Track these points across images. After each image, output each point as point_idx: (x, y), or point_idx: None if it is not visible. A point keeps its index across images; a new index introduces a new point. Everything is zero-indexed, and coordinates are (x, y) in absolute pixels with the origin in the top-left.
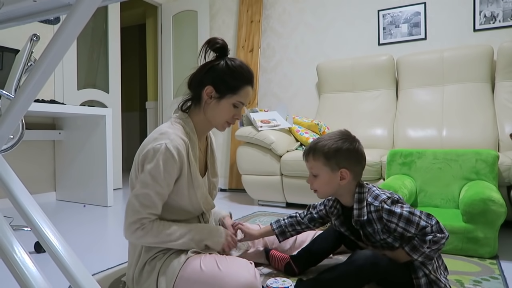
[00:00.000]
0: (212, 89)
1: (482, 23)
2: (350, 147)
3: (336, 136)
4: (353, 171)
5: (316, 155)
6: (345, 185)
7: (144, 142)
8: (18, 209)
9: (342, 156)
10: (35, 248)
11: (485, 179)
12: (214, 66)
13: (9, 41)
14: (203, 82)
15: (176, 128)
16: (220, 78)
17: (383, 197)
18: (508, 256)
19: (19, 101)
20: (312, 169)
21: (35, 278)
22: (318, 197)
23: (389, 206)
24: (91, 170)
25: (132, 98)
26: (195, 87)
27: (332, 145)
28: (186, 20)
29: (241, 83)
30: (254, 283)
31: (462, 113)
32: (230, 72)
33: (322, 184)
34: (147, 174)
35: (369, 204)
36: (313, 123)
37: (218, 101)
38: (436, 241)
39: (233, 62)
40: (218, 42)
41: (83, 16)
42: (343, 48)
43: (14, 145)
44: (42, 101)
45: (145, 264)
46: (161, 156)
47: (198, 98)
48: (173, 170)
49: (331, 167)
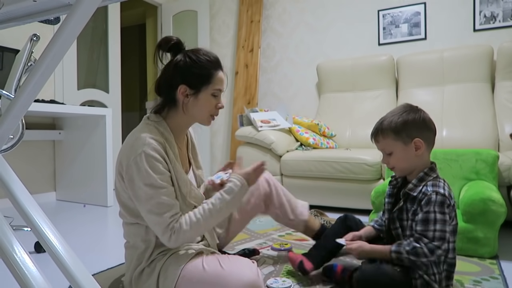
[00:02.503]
0: (185, 88)
1: (482, 23)
2: (416, 116)
3: (399, 110)
4: (425, 139)
5: (385, 133)
6: (422, 155)
7: (121, 151)
8: (18, 209)
9: (411, 127)
10: (35, 248)
11: (485, 179)
12: (178, 63)
13: (9, 41)
14: (173, 83)
15: (149, 130)
16: (189, 73)
17: (440, 191)
18: (508, 256)
19: (19, 101)
20: (385, 148)
21: (35, 278)
22: (397, 175)
23: (434, 200)
24: (91, 170)
25: (132, 98)
26: (166, 91)
27: (398, 119)
28: (186, 20)
29: (211, 70)
30: (257, 282)
31: (462, 113)
32: (196, 63)
33: (399, 160)
34: (144, 187)
35: (426, 185)
36: (313, 123)
37: (195, 97)
38: (417, 254)
39: (194, 53)
40: (171, 39)
41: (83, 16)
42: (343, 48)
43: (14, 145)
44: (42, 101)
45: (145, 267)
46: (145, 164)
47: (173, 100)
48: (162, 169)
49: (403, 140)
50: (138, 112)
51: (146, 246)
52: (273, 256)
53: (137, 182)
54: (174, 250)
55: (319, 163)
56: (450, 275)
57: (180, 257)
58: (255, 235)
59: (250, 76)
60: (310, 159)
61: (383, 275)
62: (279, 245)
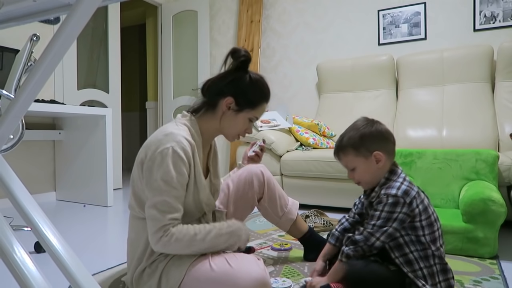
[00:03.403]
0: (232, 101)
1: (482, 23)
2: (372, 129)
3: (355, 125)
4: (385, 150)
5: (345, 151)
6: (384, 167)
7: (148, 142)
8: (18, 209)
9: (369, 141)
10: (35, 248)
11: (485, 179)
12: (237, 78)
13: (9, 41)
14: (224, 91)
15: (181, 129)
16: (242, 91)
17: (392, 192)
18: (508, 256)
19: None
20: (348, 164)
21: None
22: (364, 188)
23: (385, 202)
24: (91, 170)
25: (132, 98)
26: (213, 95)
27: (356, 135)
28: (186, 20)
29: (261, 99)
30: (266, 278)
31: (462, 113)
32: (252, 87)
33: (363, 174)
34: (160, 181)
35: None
36: (313, 123)
37: (236, 113)
38: (354, 242)
39: (255, 77)
40: (243, 55)
41: (83, 16)
42: (343, 48)
43: (14, 145)
44: (42, 101)
45: (145, 267)
46: (170, 159)
47: (214, 105)
48: (184, 171)
49: (363, 155)
50: (138, 112)
51: (148, 244)
52: (273, 256)
53: (155, 174)
54: None
55: (319, 163)
56: (445, 267)
57: (184, 257)
58: (255, 235)
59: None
60: (310, 159)
61: (371, 273)
62: (279, 245)
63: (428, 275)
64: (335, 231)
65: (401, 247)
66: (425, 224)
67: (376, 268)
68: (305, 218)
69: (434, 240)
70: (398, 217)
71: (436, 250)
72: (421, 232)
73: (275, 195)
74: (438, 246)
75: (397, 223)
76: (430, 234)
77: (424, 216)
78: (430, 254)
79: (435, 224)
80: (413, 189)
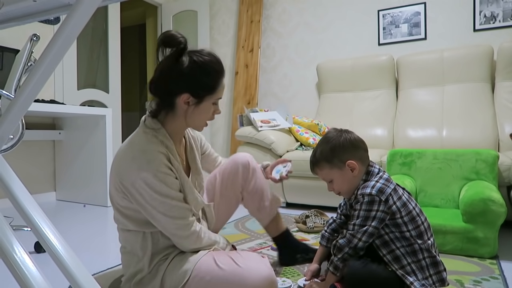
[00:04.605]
0: (188, 96)
1: (482, 23)
2: (341, 139)
3: (326, 138)
4: (357, 158)
5: (320, 165)
6: (359, 173)
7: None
8: (18, 209)
9: (340, 152)
10: (35, 248)
11: (485, 179)
12: (183, 69)
13: (9, 41)
14: (175, 90)
15: (151, 142)
16: (194, 82)
17: (367, 191)
18: (508, 256)
19: (19, 101)
20: (325, 178)
21: (35, 278)
22: (345, 197)
23: (361, 201)
24: (91, 170)
25: (132, 98)
26: (165, 96)
27: (326, 148)
28: (186, 20)
29: (217, 79)
30: (273, 276)
31: (462, 113)
32: (203, 71)
33: (340, 185)
34: (160, 198)
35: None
36: (313, 123)
37: (197, 105)
38: (339, 249)
39: (201, 58)
40: (180, 41)
41: (83, 16)
42: (343, 48)
43: (14, 145)
44: (42, 101)
45: (145, 275)
46: (156, 180)
47: (172, 106)
48: (173, 179)
49: (337, 166)
50: (138, 112)
51: (143, 253)
52: (273, 256)
53: (150, 195)
54: (175, 253)
55: None
56: (435, 260)
57: (186, 258)
58: (255, 235)
59: (250, 76)
60: None
61: (370, 273)
62: None
63: (417, 270)
64: (325, 233)
65: (387, 244)
66: (407, 220)
67: (374, 268)
68: (305, 218)
69: (420, 234)
70: (376, 215)
71: (423, 243)
72: (404, 228)
73: (259, 186)
74: (425, 239)
75: (376, 221)
76: (414, 229)
77: (405, 212)
78: (417, 249)
79: (419, 219)
80: (389, 186)
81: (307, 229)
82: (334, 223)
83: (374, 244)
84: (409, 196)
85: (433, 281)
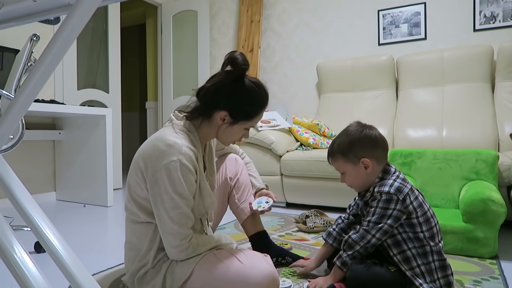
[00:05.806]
0: (226, 114)
1: (482, 23)
2: (361, 135)
3: (347, 131)
4: (374, 157)
5: (335, 156)
6: (373, 172)
7: (147, 151)
8: (18, 209)
9: (357, 148)
10: (35, 248)
11: (485, 179)
12: (233, 90)
13: (9, 41)
14: (218, 105)
15: (182, 138)
16: (237, 105)
17: (385, 190)
18: (508, 256)
19: (19, 101)
20: (338, 169)
21: (35, 278)
22: (356, 191)
23: (379, 199)
24: (91, 170)
25: (132, 98)
26: (208, 105)
27: (345, 141)
28: (186, 20)
29: (257, 110)
30: (275, 274)
31: (462, 113)
32: (248, 99)
33: (352, 179)
34: (173, 194)
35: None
36: (313, 123)
37: (231, 125)
38: (350, 245)
39: (252, 87)
40: (242, 64)
41: (83, 16)
42: (343, 48)
43: (14, 145)
44: (42, 101)
45: (148, 270)
46: (179, 173)
47: (209, 116)
48: (193, 181)
49: (352, 161)
50: (138, 112)
51: (150, 247)
52: None
53: (166, 188)
54: None
55: (319, 163)
56: (444, 263)
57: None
58: None
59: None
60: (310, 159)
61: (372, 275)
62: (279, 245)
63: (426, 272)
64: (333, 231)
65: (399, 244)
66: (422, 221)
67: (377, 270)
68: (305, 218)
69: (432, 236)
70: (393, 214)
71: (435, 245)
72: (419, 229)
73: (243, 182)
74: (436, 242)
75: (392, 220)
76: (428, 230)
77: (420, 212)
78: (428, 251)
79: (433, 220)
80: (406, 186)
81: (307, 229)
82: (342, 222)
83: (385, 243)
84: (423, 198)
85: (440, 284)
